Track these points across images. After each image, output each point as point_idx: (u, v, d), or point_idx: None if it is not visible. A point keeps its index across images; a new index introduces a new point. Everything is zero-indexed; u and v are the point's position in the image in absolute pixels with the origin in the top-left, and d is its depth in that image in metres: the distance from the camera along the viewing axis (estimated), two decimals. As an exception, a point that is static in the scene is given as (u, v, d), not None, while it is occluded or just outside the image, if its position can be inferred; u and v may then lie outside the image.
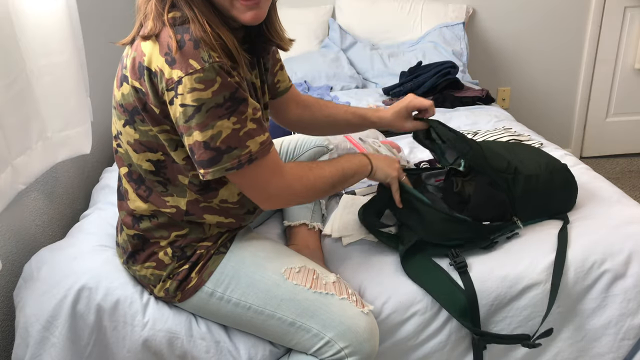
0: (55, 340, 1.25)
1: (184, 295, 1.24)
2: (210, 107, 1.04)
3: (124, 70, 1.13)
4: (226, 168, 1.07)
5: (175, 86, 1.03)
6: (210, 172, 1.08)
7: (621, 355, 1.38)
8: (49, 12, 1.43)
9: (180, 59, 1.03)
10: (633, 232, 1.41)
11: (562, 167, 1.50)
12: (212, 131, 1.05)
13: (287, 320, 1.20)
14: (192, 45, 1.03)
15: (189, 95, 1.03)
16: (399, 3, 3.10)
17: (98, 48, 2.18)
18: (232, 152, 1.07)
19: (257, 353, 1.27)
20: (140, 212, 1.23)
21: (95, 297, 1.26)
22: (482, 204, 1.39)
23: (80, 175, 1.98)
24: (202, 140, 1.05)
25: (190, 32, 1.04)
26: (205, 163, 1.07)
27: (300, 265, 1.24)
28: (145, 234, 1.24)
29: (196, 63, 1.02)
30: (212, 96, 1.03)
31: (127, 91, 1.12)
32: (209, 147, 1.06)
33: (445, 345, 1.33)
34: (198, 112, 1.04)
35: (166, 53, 1.04)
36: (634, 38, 3.33)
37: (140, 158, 1.17)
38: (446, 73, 2.56)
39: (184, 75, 1.02)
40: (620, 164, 3.47)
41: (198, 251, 1.23)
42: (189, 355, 1.26)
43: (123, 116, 1.16)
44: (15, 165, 1.36)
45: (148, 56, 1.06)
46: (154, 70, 1.06)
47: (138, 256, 1.26)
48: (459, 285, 1.31)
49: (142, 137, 1.15)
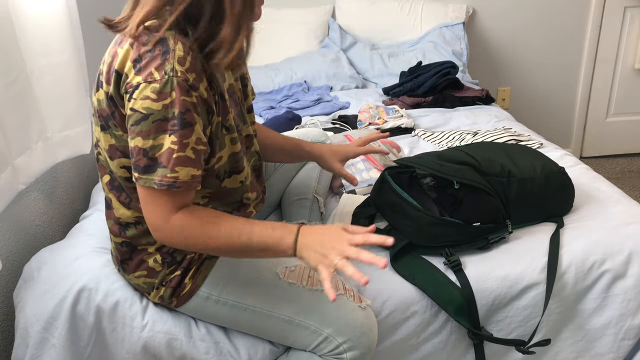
0: (55, 341, 1.25)
1: (179, 301, 1.23)
2: (156, 119, 1.04)
3: (100, 76, 1.14)
4: (154, 181, 1.05)
5: (132, 90, 1.04)
6: (143, 179, 1.06)
7: (621, 355, 1.38)
8: (49, 12, 1.43)
9: (144, 67, 1.04)
10: (633, 232, 1.41)
11: (558, 170, 1.50)
12: (153, 142, 1.05)
13: (284, 319, 1.20)
14: (161, 55, 1.04)
15: (140, 102, 1.04)
16: (399, 3, 3.10)
17: (98, 48, 2.18)
18: (162, 169, 1.05)
19: (257, 353, 1.27)
20: (125, 219, 1.22)
21: (95, 299, 1.26)
22: (475, 208, 1.39)
23: (80, 175, 1.98)
24: (141, 147, 1.05)
25: (163, 42, 1.05)
26: (140, 169, 1.06)
27: (295, 264, 1.24)
28: (132, 241, 1.23)
29: (157, 73, 1.03)
30: (162, 109, 1.03)
31: (102, 97, 1.13)
32: (147, 155, 1.05)
33: (446, 345, 1.33)
34: (145, 120, 1.04)
35: (135, 60, 1.05)
36: (634, 38, 3.33)
37: (115, 165, 1.17)
38: (446, 73, 2.56)
39: (142, 82, 1.03)
40: (620, 164, 3.47)
41: (188, 255, 1.22)
42: (189, 357, 1.26)
43: (99, 122, 1.16)
44: (15, 165, 1.36)
45: (120, 60, 1.07)
46: (122, 74, 1.07)
47: (127, 266, 1.25)
48: (454, 284, 1.31)
49: (117, 143, 1.15)
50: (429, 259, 1.36)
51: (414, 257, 1.37)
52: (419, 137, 2.16)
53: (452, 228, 1.35)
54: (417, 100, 2.52)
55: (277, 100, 2.62)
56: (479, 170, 1.41)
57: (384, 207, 1.45)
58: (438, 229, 1.35)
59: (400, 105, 2.46)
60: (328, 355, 1.20)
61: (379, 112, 2.27)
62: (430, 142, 2.10)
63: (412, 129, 2.22)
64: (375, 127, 2.18)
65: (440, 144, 2.07)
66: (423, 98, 2.53)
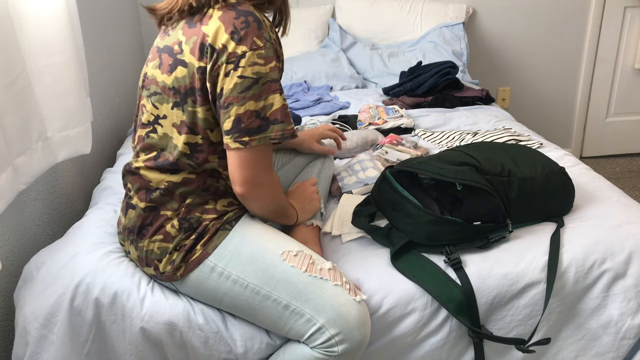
0: (54, 338, 1.25)
1: (187, 268, 1.26)
2: (266, 81, 1.17)
3: (178, 56, 1.22)
4: (270, 137, 1.18)
5: (237, 59, 1.15)
6: (256, 139, 1.18)
7: (621, 355, 1.38)
8: (49, 12, 1.43)
9: (245, 36, 1.16)
10: (633, 232, 1.41)
11: (558, 170, 1.50)
12: (264, 102, 1.17)
13: (281, 303, 1.22)
14: (257, 25, 1.17)
15: (250, 69, 1.15)
16: (399, 3, 3.10)
17: (98, 48, 2.18)
18: (278, 124, 1.18)
19: (254, 345, 1.28)
20: (156, 184, 1.28)
21: (93, 292, 1.26)
22: (476, 207, 1.39)
23: (80, 175, 1.98)
24: (254, 109, 1.17)
25: (252, 14, 1.18)
26: (253, 131, 1.17)
27: (298, 250, 1.27)
28: (157, 204, 1.29)
29: (259, 41, 1.16)
30: (270, 71, 1.17)
31: (182, 74, 1.21)
32: (260, 116, 1.17)
33: (445, 343, 1.33)
34: (256, 84, 1.16)
35: (232, 32, 1.16)
36: (634, 38, 3.33)
37: (180, 139, 1.24)
38: (446, 73, 2.56)
39: (248, 51, 1.15)
40: (620, 164, 3.47)
41: (204, 222, 1.27)
42: (189, 345, 1.27)
43: (173, 99, 1.24)
44: (15, 165, 1.36)
45: (212, 35, 1.17)
46: (218, 48, 1.17)
47: (146, 231, 1.29)
48: (455, 282, 1.31)
49: (187, 119, 1.23)
50: (430, 257, 1.37)
51: (414, 255, 1.37)
52: (419, 137, 2.16)
53: (453, 227, 1.35)
54: (417, 100, 2.52)
55: (277, 100, 2.62)
56: (479, 170, 1.41)
57: (384, 206, 1.45)
58: (438, 227, 1.35)
59: (400, 105, 2.47)
60: (320, 347, 1.21)
61: (379, 112, 2.27)
62: (430, 142, 2.11)
63: (412, 129, 2.22)
64: (375, 127, 2.18)
65: (440, 144, 2.07)
66: (423, 98, 2.54)
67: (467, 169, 1.40)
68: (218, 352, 1.27)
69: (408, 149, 1.94)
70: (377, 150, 1.94)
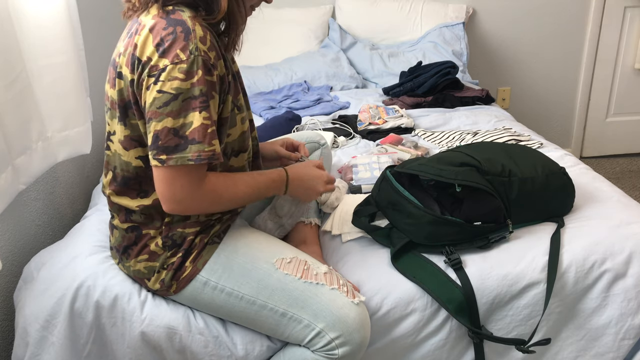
0: (54, 339, 1.25)
1: (179, 285, 1.24)
2: (187, 98, 1.08)
3: (118, 68, 1.17)
4: (187, 158, 1.10)
5: (158, 73, 1.08)
6: (173, 159, 1.10)
7: (621, 355, 1.38)
8: (49, 12, 1.43)
9: (169, 49, 1.09)
10: (633, 232, 1.41)
11: (559, 170, 1.50)
12: (183, 120, 1.09)
13: (278, 311, 1.21)
14: (183, 37, 1.09)
15: (169, 83, 1.08)
16: (399, 3, 3.10)
17: (98, 48, 2.18)
18: (195, 145, 1.09)
19: (255, 348, 1.28)
20: (131, 208, 1.25)
21: (94, 295, 1.26)
22: (476, 207, 1.39)
23: (80, 175, 1.98)
24: (171, 126, 1.09)
25: (183, 24, 1.10)
26: (170, 149, 1.10)
27: (292, 256, 1.26)
28: (138, 224, 1.26)
29: (183, 54, 1.08)
30: (190, 87, 1.08)
31: (120, 87, 1.16)
32: (178, 134, 1.09)
33: (446, 343, 1.33)
34: (174, 100, 1.08)
35: (158, 43, 1.10)
36: (634, 38, 3.33)
37: (130, 155, 1.20)
38: (446, 73, 2.56)
39: (169, 64, 1.08)
40: (620, 164, 3.47)
41: (188, 238, 1.24)
42: (188, 350, 1.27)
43: (117, 113, 1.19)
44: (15, 165, 1.36)
45: (140, 47, 1.11)
46: (144, 60, 1.11)
47: (131, 250, 1.27)
48: (455, 282, 1.31)
49: (132, 133, 1.18)
50: (430, 257, 1.37)
51: (414, 255, 1.37)
52: (419, 137, 2.16)
53: (453, 227, 1.35)
54: (417, 100, 2.52)
55: (277, 100, 2.62)
56: (480, 170, 1.41)
57: (384, 205, 1.44)
58: (439, 227, 1.35)
59: (400, 105, 2.47)
60: (321, 351, 1.20)
61: (379, 112, 2.27)
62: (430, 142, 2.11)
63: (412, 129, 2.22)
64: (375, 127, 2.18)
65: (440, 144, 2.07)
66: (423, 98, 2.54)
67: (468, 169, 1.40)
68: (218, 357, 1.27)
69: (408, 148, 1.94)
70: (377, 148, 1.93)
